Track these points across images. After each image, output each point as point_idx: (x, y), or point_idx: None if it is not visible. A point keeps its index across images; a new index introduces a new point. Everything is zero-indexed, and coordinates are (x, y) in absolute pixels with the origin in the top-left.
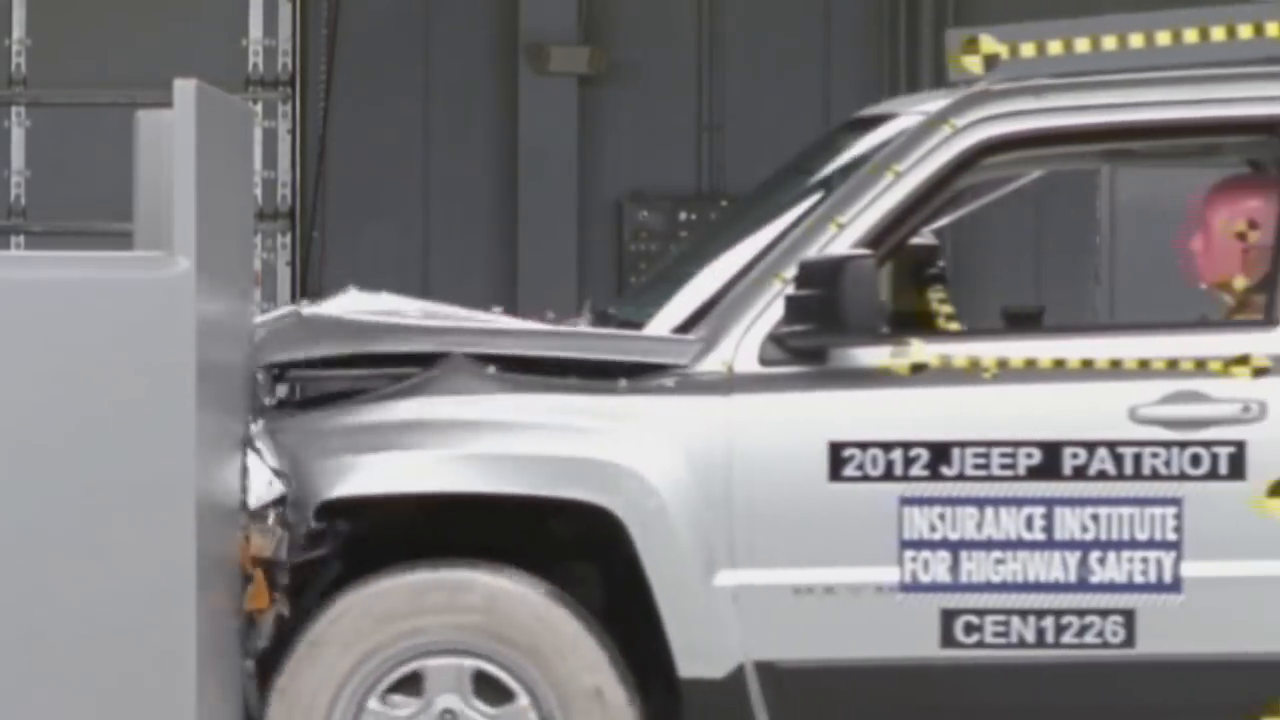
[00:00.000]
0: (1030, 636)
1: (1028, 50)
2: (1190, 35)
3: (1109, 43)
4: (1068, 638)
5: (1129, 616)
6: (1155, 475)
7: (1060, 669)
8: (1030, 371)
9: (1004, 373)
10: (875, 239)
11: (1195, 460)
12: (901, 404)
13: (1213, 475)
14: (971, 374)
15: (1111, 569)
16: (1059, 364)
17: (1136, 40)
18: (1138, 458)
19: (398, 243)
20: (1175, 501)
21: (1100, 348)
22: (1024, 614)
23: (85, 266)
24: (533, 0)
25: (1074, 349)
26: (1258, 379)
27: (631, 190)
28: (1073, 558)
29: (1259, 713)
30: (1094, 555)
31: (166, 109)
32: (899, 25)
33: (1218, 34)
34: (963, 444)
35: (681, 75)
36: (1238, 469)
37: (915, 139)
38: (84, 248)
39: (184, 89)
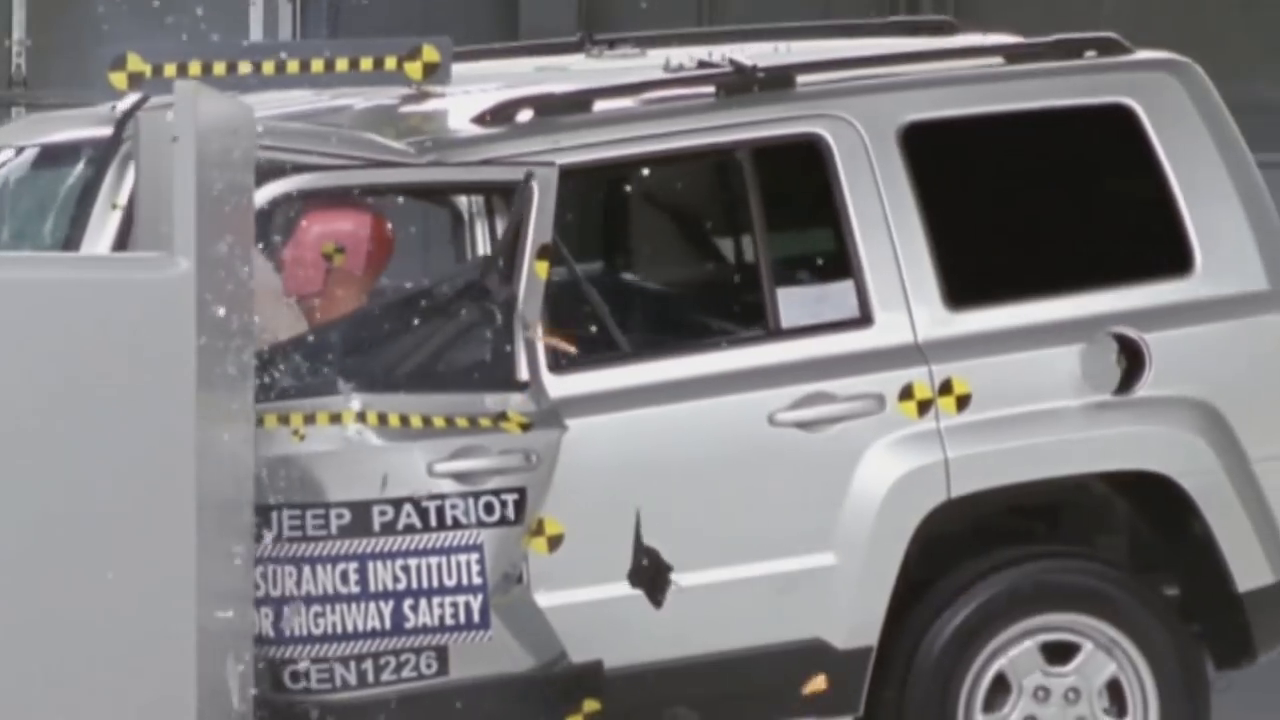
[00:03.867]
0: (352, 679)
1: (169, 71)
2: (317, 66)
3: (244, 68)
4: (387, 675)
5: (442, 651)
6: (457, 525)
7: (383, 703)
8: (338, 432)
9: (319, 433)
10: None
11: (489, 508)
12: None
13: (502, 521)
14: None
15: (424, 614)
16: (366, 419)
17: (267, 68)
18: (440, 510)
19: (398, 242)
20: (477, 548)
21: (399, 404)
22: (344, 660)
23: (85, 267)
24: None
25: (380, 406)
26: (526, 433)
27: None
28: (388, 606)
29: (568, 713)
30: (407, 603)
31: (166, 109)
32: None
33: (341, 65)
34: (280, 506)
35: None
36: (520, 513)
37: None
38: None
39: (184, 89)
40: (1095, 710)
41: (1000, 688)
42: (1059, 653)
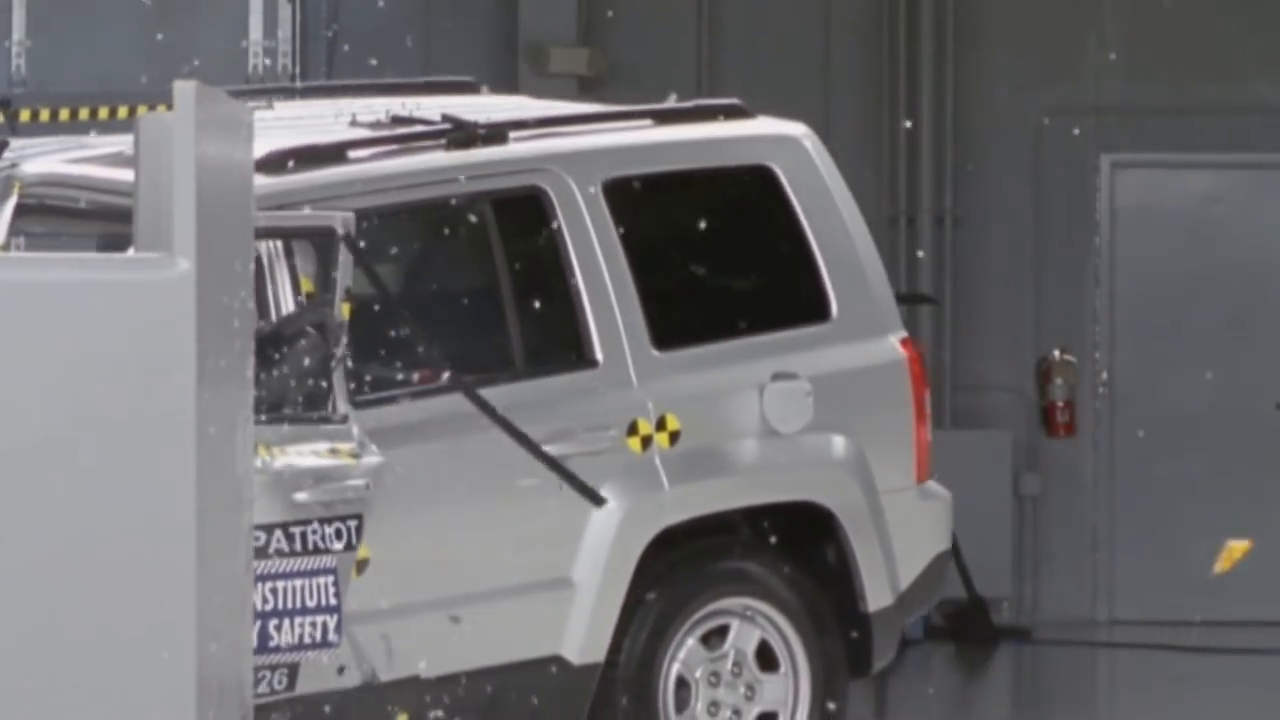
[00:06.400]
0: None
1: None
2: (122, 112)
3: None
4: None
5: (293, 668)
6: (316, 549)
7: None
8: None
9: None
10: None
11: (339, 534)
12: None
13: (347, 546)
14: None
15: (287, 633)
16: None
17: (84, 113)
18: (304, 535)
19: None
20: (332, 570)
21: (264, 435)
22: None
23: (85, 268)
24: (532, 1)
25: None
26: (358, 462)
27: None
28: (255, 626)
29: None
30: (273, 623)
31: (167, 110)
32: (899, 28)
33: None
34: None
35: (681, 77)
36: (359, 538)
37: None
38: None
39: (184, 90)
40: (755, 673)
41: (682, 685)
42: (714, 639)
